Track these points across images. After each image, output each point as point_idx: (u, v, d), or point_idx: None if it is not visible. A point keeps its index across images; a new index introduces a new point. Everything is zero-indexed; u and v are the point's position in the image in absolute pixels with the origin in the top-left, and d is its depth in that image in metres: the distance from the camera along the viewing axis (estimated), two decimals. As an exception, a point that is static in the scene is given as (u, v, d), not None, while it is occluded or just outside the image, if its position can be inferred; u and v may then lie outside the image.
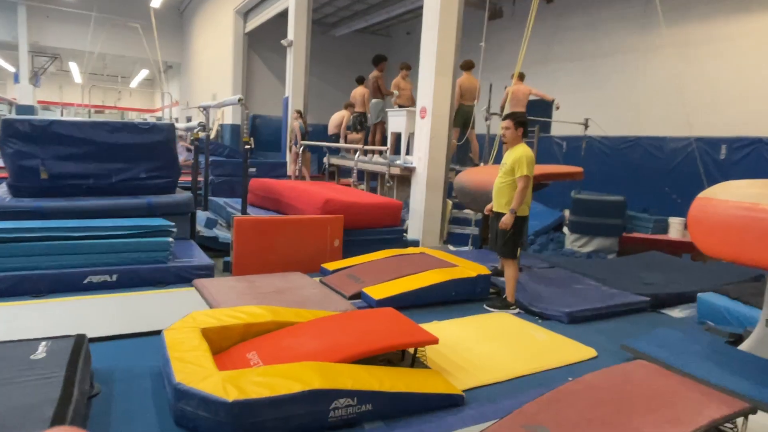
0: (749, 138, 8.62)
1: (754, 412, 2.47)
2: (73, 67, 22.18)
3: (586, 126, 9.97)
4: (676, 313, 4.72)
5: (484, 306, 4.53)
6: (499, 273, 4.89)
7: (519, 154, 4.38)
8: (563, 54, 12.04)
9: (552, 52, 12.14)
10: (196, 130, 7.08)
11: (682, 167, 9.41)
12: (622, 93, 10.79)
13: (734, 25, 9.06)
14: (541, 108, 9.45)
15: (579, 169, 7.11)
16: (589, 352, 3.59)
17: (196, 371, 2.48)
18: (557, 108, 8.55)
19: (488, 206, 4.76)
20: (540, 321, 4.27)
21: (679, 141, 9.47)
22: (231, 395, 2.27)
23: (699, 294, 4.54)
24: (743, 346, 3.37)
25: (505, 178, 4.50)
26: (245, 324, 3.15)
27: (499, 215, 4.52)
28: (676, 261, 6.56)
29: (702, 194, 3.42)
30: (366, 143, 9.54)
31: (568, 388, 2.59)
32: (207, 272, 4.78)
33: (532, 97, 8.59)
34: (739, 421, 2.44)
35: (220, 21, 16.91)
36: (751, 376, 3.04)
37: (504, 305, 4.49)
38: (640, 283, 5.24)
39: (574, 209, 8.35)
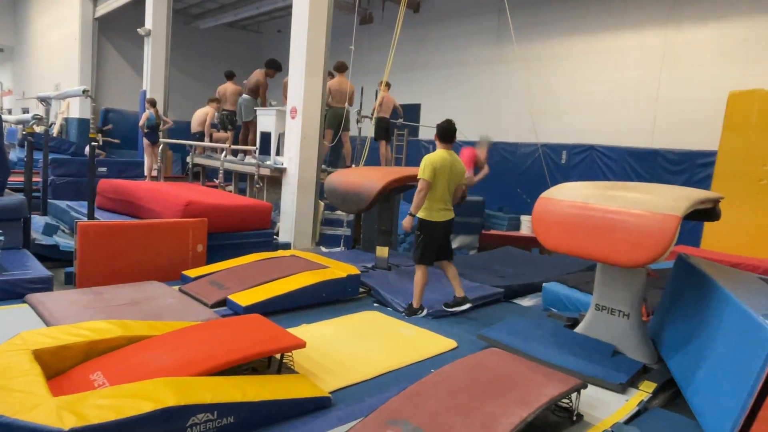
0: (584, 145, 9.88)
1: (585, 387, 2.80)
2: None
3: (449, 130, 10.58)
4: (526, 302, 5.21)
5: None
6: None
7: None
8: (428, 61, 12.69)
9: (418, 60, 12.73)
10: (30, 124, 6.19)
11: (531, 170, 10.48)
12: (480, 100, 11.68)
13: (571, 44, 10.31)
14: (411, 113, 9.84)
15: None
16: (450, 344, 3.81)
17: (23, 399, 2.16)
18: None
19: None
20: (406, 317, 4.42)
21: (528, 146, 10.52)
22: (67, 423, 2.02)
23: (544, 284, 5.06)
24: (578, 329, 3.81)
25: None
26: (88, 341, 2.82)
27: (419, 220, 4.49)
28: (526, 255, 7.24)
29: (543, 194, 3.81)
30: (237, 142, 9.12)
31: (429, 380, 2.72)
32: (44, 285, 4.21)
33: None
34: (573, 396, 2.76)
35: (63, 2, 15.07)
36: (583, 354, 3.45)
37: (411, 312, 4.44)
38: (495, 276, 5.70)
39: (440, 209, 8.78)
